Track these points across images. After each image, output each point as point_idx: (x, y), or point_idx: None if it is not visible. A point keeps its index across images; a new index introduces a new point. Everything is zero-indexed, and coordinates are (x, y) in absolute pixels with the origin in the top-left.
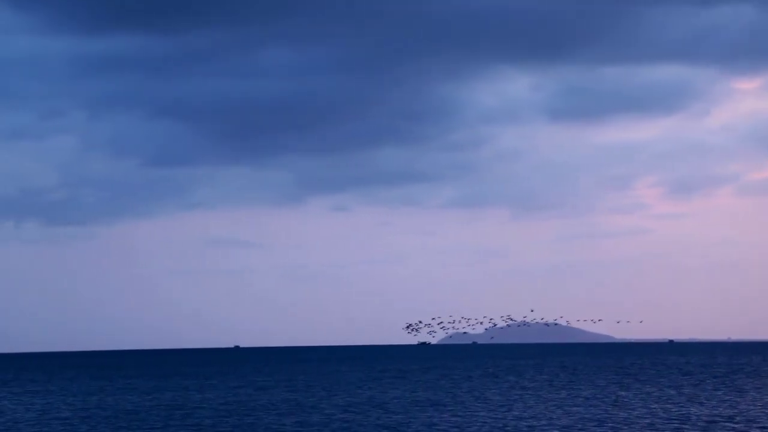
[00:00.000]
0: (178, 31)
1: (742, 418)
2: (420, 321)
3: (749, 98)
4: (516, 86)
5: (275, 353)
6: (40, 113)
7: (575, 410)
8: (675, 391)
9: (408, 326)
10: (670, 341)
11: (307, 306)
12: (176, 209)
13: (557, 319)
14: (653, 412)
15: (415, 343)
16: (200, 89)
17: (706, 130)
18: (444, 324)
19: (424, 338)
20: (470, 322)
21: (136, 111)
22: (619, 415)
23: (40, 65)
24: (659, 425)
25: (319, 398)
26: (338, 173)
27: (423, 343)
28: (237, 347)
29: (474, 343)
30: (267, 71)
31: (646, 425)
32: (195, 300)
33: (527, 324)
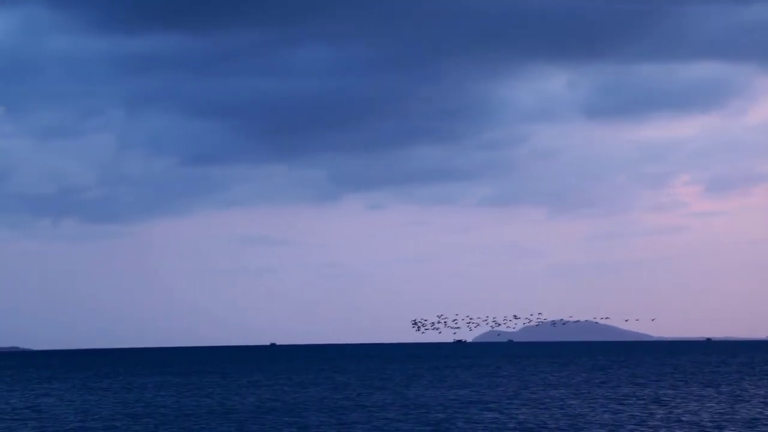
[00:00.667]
0: (216, 31)
1: None
2: (425, 319)
3: None
4: (553, 84)
5: (312, 351)
6: (79, 112)
7: (615, 407)
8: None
9: (414, 323)
10: (708, 339)
11: (342, 304)
12: (212, 207)
13: (594, 318)
14: (695, 412)
15: (451, 341)
16: (237, 88)
17: (744, 128)
18: (449, 322)
19: (460, 336)
20: (487, 321)
21: (174, 110)
22: (658, 414)
23: (79, 64)
24: (704, 424)
25: (360, 396)
26: (374, 171)
27: (459, 341)
28: (273, 345)
29: (510, 341)
30: (304, 70)
31: (687, 423)
32: (231, 298)
33: (563, 322)
